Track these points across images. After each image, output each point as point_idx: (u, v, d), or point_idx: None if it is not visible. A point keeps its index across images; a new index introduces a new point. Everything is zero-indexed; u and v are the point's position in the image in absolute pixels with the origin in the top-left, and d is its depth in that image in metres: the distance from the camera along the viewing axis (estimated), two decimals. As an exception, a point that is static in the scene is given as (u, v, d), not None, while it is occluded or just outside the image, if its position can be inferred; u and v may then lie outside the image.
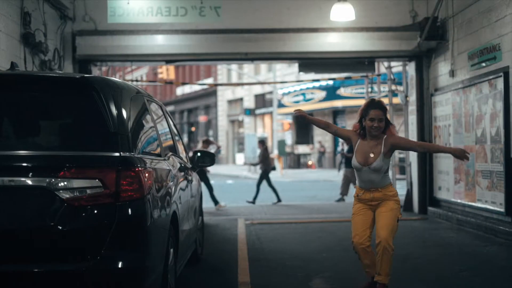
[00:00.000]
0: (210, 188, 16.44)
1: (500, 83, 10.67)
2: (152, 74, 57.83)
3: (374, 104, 6.43)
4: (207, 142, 17.83)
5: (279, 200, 17.47)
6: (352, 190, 18.21)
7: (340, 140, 20.14)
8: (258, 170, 35.17)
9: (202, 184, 15.84)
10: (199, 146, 17.44)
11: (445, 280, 7.38)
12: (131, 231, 4.67)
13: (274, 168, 17.53)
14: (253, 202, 17.40)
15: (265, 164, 17.99)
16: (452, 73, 12.73)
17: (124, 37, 13.18)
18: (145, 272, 4.74)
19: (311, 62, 15.04)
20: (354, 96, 35.15)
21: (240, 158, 47.49)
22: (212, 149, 18.49)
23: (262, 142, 18.86)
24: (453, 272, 7.82)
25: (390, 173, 6.54)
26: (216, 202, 16.38)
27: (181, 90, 58.66)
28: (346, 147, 19.37)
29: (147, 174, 4.88)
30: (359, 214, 6.44)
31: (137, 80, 31.41)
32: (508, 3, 10.36)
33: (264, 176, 17.81)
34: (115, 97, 5.02)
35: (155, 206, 4.98)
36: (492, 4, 10.95)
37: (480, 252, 9.35)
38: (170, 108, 54.60)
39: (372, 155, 6.35)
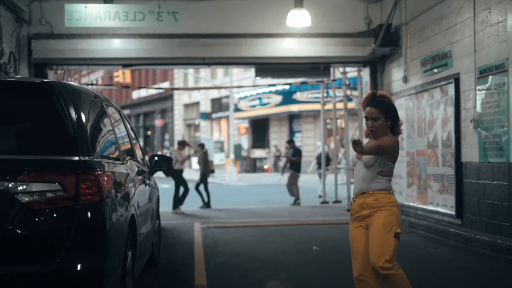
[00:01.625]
0: (186, 190, 16.53)
1: (451, 89, 10.96)
2: (107, 77, 57.43)
3: (370, 99, 5.44)
4: (182, 144, 17.81)
5: (206, 204, 17.24)
6: (280, 194, 18.46)
7: (286, 144, 20.35)
8: (214, 175, 35.37)
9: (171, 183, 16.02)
10: (175, 147, 17.45)
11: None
12: (91, 234, 4.73)
13: (213, 171, 17.53)
14: (208, 205, 17.39)
15: (205, 168, 17.94)
16: (405, 79, 13.01)
17: (81, 40, 13.15)
18: (104, 274, 4.79)
19: (267, 67, 15.19)
20: (310, 101, 35.49)
21: (195, 162, 47.46)
22: (187, 151, 18.34)
23: (202, 146, 18.93)
24: (406, 273, 8.00)
25: (346, 176, 6.59)
26: (179, 204, 16.53)
27: (137, 94, 58.37)
28: (291, 151, 19.52)
29: (106, 178, 4.94)
30: (355, 238, 5.43)
31: (93, 84, 31.21)
32: (459, 11, 10.66)
33: (203, 179, 17.78)
34: (74, 101, 5.07)
35: (114, 210, 5.05)
36: (443, 13, 11.24)
37: (432, 253, 9.59)
38: (126, 112, 54.00)
39: None
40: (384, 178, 5.33)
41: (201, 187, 17.62)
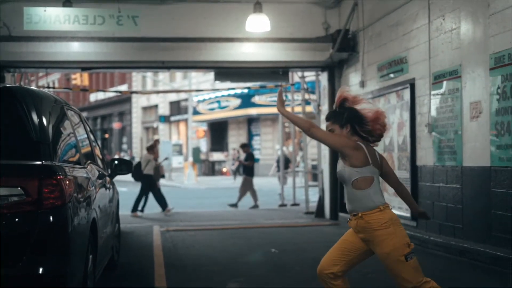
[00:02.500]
0: (150, 195, 16.72)
1: (407, 94, 11.20)
2: (64, 79, 56.85)
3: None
4: (152, 148, 17.66)
5: (136, 209, 16.86)
6: (246, 197, 18.60)
7: (238, 148, 20.44)
8: (172, 178, 35.33)
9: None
10: (144, 152, 17.34)
11: (353, 283, 7.70)
12: (53, 237, 4.77)
13: (163, 176, 17.49)
14: (164, 208, 17.30)
15: (155, 172, 17.82)
16: (362, 84, 13.24)
17: (39, 43, 13.10)
18: (66, 277, 4.83)
19: (227, 71, 15.29)
20: (268, 104, 35.69)
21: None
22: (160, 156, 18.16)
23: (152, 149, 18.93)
24: (360, 274, 8.16)
25: (304, 179, 6.59)
26: (164, 206, 16.72)
27: (94, 96, 57.92)
28: (243, 155, 19.62)
29: (67, 182, 4.98)
30: (344, 239, 5.10)
31: (52, 87, 30.87)
32: (414, 18, 10.91)
33: (152, 183, 17.71)
34: (36, 106, 5.11)
35: (75, 213, 5.09)
36: (399, 19, 11.49)
37: (387, 255, 9.76)
38: (83, 115, 53.74)
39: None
40: (363, 192, 4.82)
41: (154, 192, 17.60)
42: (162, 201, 16.83)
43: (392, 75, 11.87)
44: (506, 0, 8.39)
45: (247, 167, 19.03)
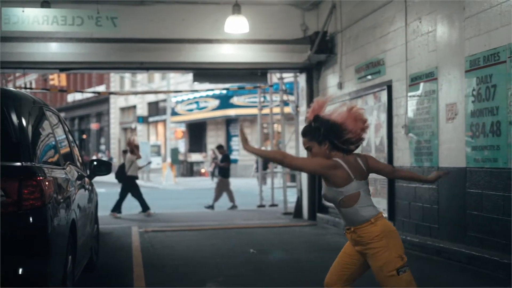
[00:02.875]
0: (139, 195, 16.64)
1: (384, 95, 11.32)
2: (42, 80, 56.51)
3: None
4: (137, 148, 17.62)
5: (116, 209, 16.73)
6: (224, 198, 18.64)
7: (215, 149, 20.45)
8: (150, 179, 35.26)
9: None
10: (128, 154, 17.26)
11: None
12: (33, 238, 4.79)
13: (137, 178, 17.53)
14: (145, 210, 17.28)
15: (118, 173, 17.75)
16: (340, 85, 13.34)
17: (17, 44, 13.03)
18: (45, 278, 4.86)
19: (205, 73, 15.31)
20: (247, 105, 35.77)
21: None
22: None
23: (125, 152, 18.94)
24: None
25: (283, 180, 6.62)
26: (146, 208, 16.62)
27: (72, 97, 57.62)
28: (220, 156, 19.67)
29: (47, 183, 5.01)
30: (342, 251, 4.90)
31: (30, 88, 30.73)
32: (391, 21, 11.03)
33: (135, 184, 17.68)
34: (16, 107, 5.13)
35: (55, 214, 5.12)
36: (376, 22, 11.60)
37: (365, 255, 9.87)
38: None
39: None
40: (351, 209, 4.59)
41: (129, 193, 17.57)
42: (144, 202, 16.82)
43: (369, 77, 11.98)
44: (481, 3, 8.52)
45: (223, 169, 19.08)
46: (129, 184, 16.80)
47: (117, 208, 16.42)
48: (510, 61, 7.93)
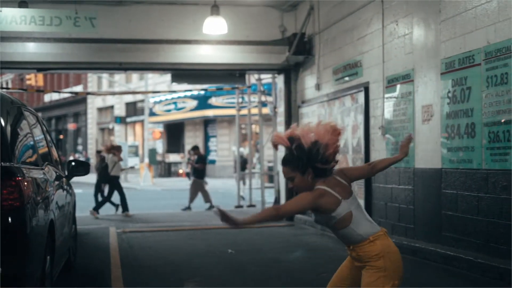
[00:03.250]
0: (122, 195, 16.58)
1: (361, 97, 11.42)
2: (18, 79, 56.07)
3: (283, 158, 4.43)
4: (118, 149, 17.57)
5: (96, 210, 16.78)
6: (200, 199, 18.68)
7: (191, 150, 20.45)
8: (128, 179, 35.14)
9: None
10: (110, 155, 17.20)
11: (306, 283, 7.86)
12: (12, 238, 4.79)
13: (119, 178, 17.58)
14: (124, 211, 17.25)
15: (101, 174, 17.73)
16: (318, 87, 13.43)
17: (-5, 44, 12.99)
18: (24, 278, 4.87)
19: (184, 73, 15.33)
20: (225, 106, 35.77)
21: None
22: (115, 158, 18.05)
23: (99, 152, 18.89)
24: (314, 274, 8.33)
25: (260, 180, 6.62)
26: (126, 209, 16.56)
27: (49, 97, 57.22)
28: (195, 157, 19.68)
29: (26, 183, 5.02)
30: (341, 266, 4.68)
31: (6, 88, 30.51)
32: (369, 23, 11.14)
33: (98, 185, 17.64)
34: (-6, 108, 5.13)
35: (34, 215, 5.13)
36: (354, 24, 11.70)
37: (341, 255, 9.88)
38: (37, 115, 53.03)
39: None
40: (347, 229, 4.33)
41: (100, 192, 17.52)
42: (125, 203, 16.78)
43: (347, 78, 12.08)
44: (456, 6, 8.64)
45: (198, 170, 19.11)
46: (111, 184, 16.85)
47: (125, 207, 16.49)
48: (484, 64, 8.06)
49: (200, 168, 19.05)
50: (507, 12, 7.66)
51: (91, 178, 19.69)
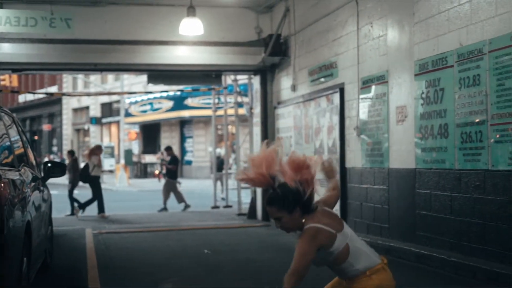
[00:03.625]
0: (96, 197, 16.50)
1: (336, 98, 11.51)
2: (-8, 80, 55.48)
3: (267, 199, 4.18)
4: (98, 149, 17.54)
5: (72, 213, 16.94)
6: (173, 200, 18.69)
7: (164, 151, 20.44)
8: (104, 180, 34.97)
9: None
10: (92, 156, 17.15)
11: (282, 283, 7.91)
12: (-11, 239, 4.80)
13: (99, 178, 17.58)
14: (100, 212, 17.15)
15: (74, 175, 17.68)
16: (293, 88, 13.51)
17: (-31, 44, 12.90)
18: (1, 279, 4.87)
19: (160, 74, 15.32)
20: (201, 107, 35.75)
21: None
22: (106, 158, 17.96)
23: (72, 153, 18.85)
24: (282, 272, 8.38)
25: (238, 182, 6.56)
26: (102, 210, 16.51)
27: (23, 97, 56.77)
28: (168, 158, 19.69)
29: (3, 185, 5.02)
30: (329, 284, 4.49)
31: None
32: (344, 25, 11.24)
33: (72, 187, 17.58)
34: (-29, 109, 5.13)
35: (10, 216, 5.13)
36: (329, 25, 11.80)
37: (317, 255, 10.02)
38: (11, 116, 52.57)
39: None
40: (345, 264, 4.10)
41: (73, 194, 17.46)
42: (102, 204, 16.73)
43: (322, 80, 12.17)
44: (430, 9, 8.77)
45: (171, 170, 19.12)
46: (92, 184, 16.85)
47: (102, 208, 16.42)
48: (457, 66, 8.19)
49: (173, 169, 19.05)
50: (479, 14, 7.79)
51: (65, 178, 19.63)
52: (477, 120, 7.86)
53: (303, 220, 4.05)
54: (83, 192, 19.33)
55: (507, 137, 7.36)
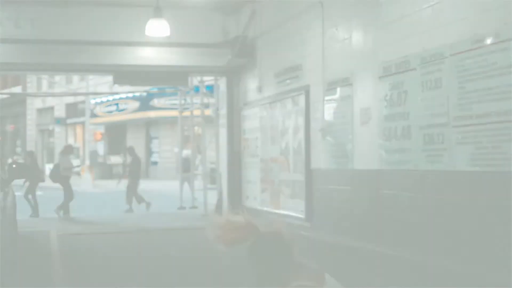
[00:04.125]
0: (69, 197, 16.55)
1: (302, 100, 11.61)
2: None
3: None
4: (68, 149, 17.46)
5: (34, 213, 16.90)
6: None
7: (126, 151, 20.37)
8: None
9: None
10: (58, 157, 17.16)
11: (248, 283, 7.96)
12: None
13: (43, 181, 17.54)
14: (36, 214, 16.95)
15: (32, 175, 17.51)
16: (260, 89, 13.58)
17: None
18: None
19: (126, 75, 15.25)
20: (167, 107, 35.58)
21: (49, 168, 46.17)
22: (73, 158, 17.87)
23: (30, 153, 18.73)
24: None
25: (203, 182, 6.58)
26: (67, 211, 16.47)
27: (-14, 97, 55.98)
28: (129, 159, 19.63)
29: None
30: None
31: None
32: (309, 27, 11.34)
33: (31, 188, 17.45)
34: None
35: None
36: (295, 28, 11.89)
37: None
38: (-26, 116, 51.91)
39: None
40: None
41: (30, 196, 17.29)
42: (66, 204, 16.65)
43: (288, 81, 12.26)
44: (394, 13, 8.90)
45: (132, 171, 19.06)
46: (61, 184, 16.78)
47: (66, 209, 16.35)
48: (420, 69, 8.33)
49: (134, 169, 18.99)
50: (440, 19, 7.93)
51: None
52: (439, 122, 7.99)
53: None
54: (51, 192, 19.12)
55: (468, 138, 7.50)
